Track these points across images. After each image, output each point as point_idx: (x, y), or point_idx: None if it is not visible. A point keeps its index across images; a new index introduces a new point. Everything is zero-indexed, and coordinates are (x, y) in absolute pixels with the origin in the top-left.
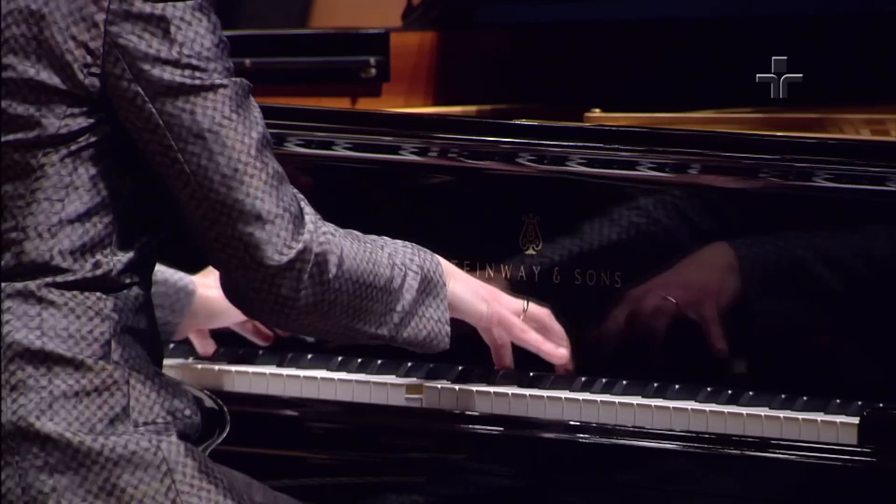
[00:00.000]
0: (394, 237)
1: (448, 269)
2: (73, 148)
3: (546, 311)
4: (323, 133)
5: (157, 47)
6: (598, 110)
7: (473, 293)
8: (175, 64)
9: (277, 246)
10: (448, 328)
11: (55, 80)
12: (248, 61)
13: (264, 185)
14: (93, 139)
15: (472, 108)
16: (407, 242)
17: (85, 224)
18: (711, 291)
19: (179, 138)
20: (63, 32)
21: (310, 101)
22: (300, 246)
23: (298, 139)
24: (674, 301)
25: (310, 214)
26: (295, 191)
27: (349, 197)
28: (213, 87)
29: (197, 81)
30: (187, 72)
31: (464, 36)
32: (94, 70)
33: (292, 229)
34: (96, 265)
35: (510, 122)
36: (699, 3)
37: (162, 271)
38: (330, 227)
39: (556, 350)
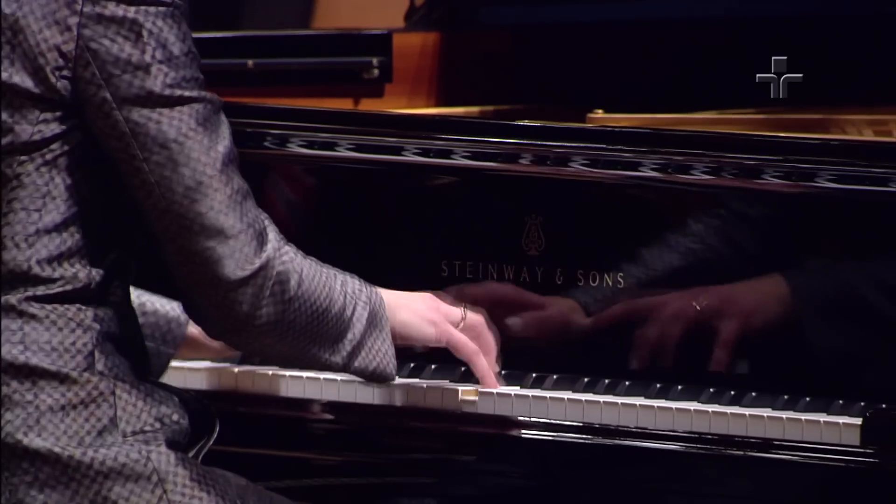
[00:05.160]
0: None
1: (391, 300)
2: (48, 157)
3: (481, 319)
4: (325, 134)
5: (129, 51)
6: (600, 111)
7: (420, 318)
8: (145, 70)
9: (239, 261)
10: (395, 361)
11: (28, 84)
12: (250, 62)
13: (228, 200)
14: (67, 147)
15: (474, 109)
16: (352, 274)
17: (62, 234)
18: (713, 292)
19: (144, 147)
20: (36, 36)
21: (312, 101)
22: (261, 262)
23: (301, 140)
24: (677, 302)
25: (273, 233)
26: (259, 209)
27: (352, 198)
28: (181, 99)
29: (166, 91)
30: (157, 80)
31: (466, 37)
32: (66, 73)
33: (255, 245)
34: (75, 277)
35: (513, 122)
36: (700, 4)
37: (152, 301)
38: (291, 248)
39: (486, 373)
